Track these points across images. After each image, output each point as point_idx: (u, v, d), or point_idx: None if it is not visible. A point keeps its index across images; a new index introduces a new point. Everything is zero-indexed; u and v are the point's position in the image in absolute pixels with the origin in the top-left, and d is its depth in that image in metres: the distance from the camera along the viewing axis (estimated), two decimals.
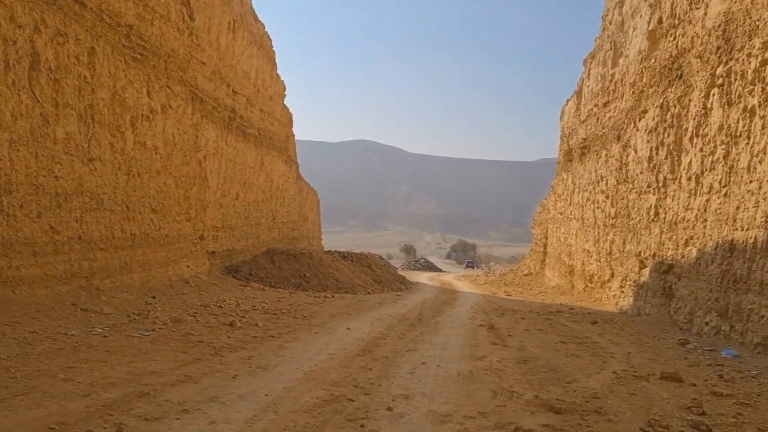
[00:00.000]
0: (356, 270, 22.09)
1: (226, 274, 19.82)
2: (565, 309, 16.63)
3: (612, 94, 17.41)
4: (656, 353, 9.41)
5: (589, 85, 20.34)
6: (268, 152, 24.84)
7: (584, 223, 20.83)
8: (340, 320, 12.08)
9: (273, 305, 13.77)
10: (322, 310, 13.76)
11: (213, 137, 17.99)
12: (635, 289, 14.84)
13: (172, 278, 15.30)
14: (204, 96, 16.90)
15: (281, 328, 10.42)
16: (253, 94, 21.79)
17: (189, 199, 16.59)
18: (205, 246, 18.37)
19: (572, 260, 23.20)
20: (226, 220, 20.28)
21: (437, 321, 12.99)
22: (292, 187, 30.44)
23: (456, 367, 7.63)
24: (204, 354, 7.48)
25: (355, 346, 8.98)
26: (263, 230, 25.28)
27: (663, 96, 13.45)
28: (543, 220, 34.03)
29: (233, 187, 20.70)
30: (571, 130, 23.70)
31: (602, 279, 18.40)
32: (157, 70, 14.16)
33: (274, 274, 19.80)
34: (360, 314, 13.43)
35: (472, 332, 11.44)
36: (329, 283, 19.37)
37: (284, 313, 12.43)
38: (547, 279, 29.56)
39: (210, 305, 12.24)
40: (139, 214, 13.63)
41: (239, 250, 22.01)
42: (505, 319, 13.78)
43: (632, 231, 15.20)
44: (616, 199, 16.61)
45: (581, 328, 12.42)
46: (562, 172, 26.59)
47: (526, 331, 11.78)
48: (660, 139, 13.46)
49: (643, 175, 14.40)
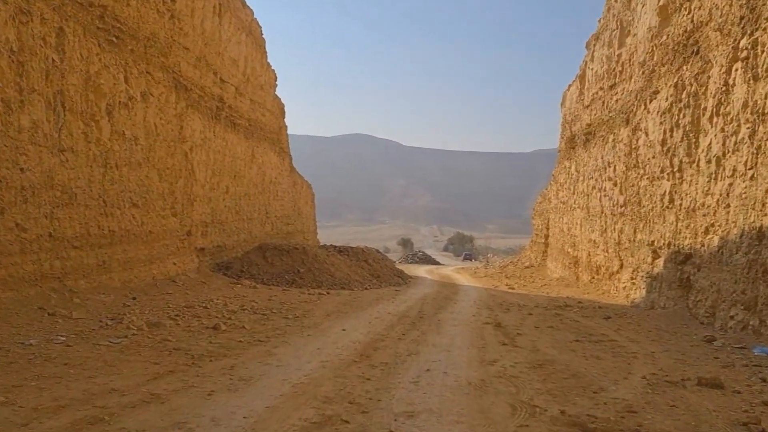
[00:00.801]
0: (353, 265, 21.21)
1: (216, 272, 18.91)
2: (573, 303, 15.79)
3: (619, 75, 16.51)
4: (682, 352, 8.56)
5: (593, 68, 19.42)
6: (259, 144, 23.88)
7: (590, 212, 19.97)
8: (335, 320, 11.21)
9: (263, 304, 12.89)
10: (316, 308, 12.88)
11: (200, 128, 17.04)
12: (648, 280, 13.99)
13: (156, 277, 14.39)
14: (189, 84, 15.94)
15: (270, 330, 9.54)
16: (243, 83, 20.81)
17: (174, 193, 15.66)
18: (193, 242, 17.46)
19: (577, 251, 22.36)
20: (215, 214, 19.35)
21: (439, 319, 12.14)
22: (286, 180, 29.49)
23: (465, 374, 6.77)
24: (179, 364, 6.59)
25: (351, 350, 8.10)
26: (256, 225, 24.35)
27: (677, 74, 12.57)
28: (544, 210, 33.17)
29: (223, 180, 19.76)
30: (574, 116, 22.80)
31: (610, 270, 17.56)
32: (136, 54, 13.20)
33: (267, 270, 18.90)
34: (357, 312, 12.56)
35: (478, 331, 10.59)
36: (324, 279, 18.49)
37: (275, 314, 11.54)
38: (549, 271, 28.73)
39: (195, 306, 11.35)
40: (118, 209, 12.70)
41: (230, 246, 21.09)
42: (512, 316, 12.93)
43: (644, 219, 14.34)
44: (626, 186, 15.74)
45: (595, 324, 11.58)
46: (564, 161, 25.71)
47: (536, 328, 10.93)
48: (675, 121, 12.58)
49: (656, 160, 13.54)
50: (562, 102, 26.60)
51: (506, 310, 14.11)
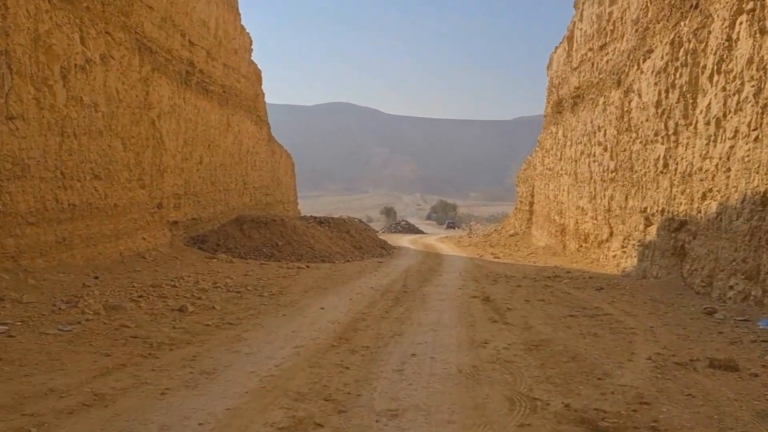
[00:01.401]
0: (334, 236, 20.48)
1: (191, 246, 18.10)
2: (562, 273, 15.27)
3: (610, 35, 15.73)
4: (683, 327, 8.02)
5: (582, 27, 18.60)
6: (234, 111, 22.83)
7: (578, 178, 19.37)
8: (314, 297, 10.53)
9: (238, 281, 12.16)
10: (294, 284, 12.19)
11: (168, 94, 16.01)
12: (640, 248, 13.47)
13: (124, 253, 13.57)
14: (154, 46, 14.87)
15: (243, 311, 8.83)
16: (215, 46, 19.68)
17: (142, 163, 14.73)
18: (165, 215, 16.59)
19: (563, 218, 21.83)
20: (189, 186, 18.44)
21: (424, 293, 11.51)
22: (264, 150, 28.48)
23: (455, 359, 6.13)
24: (134, 356, 5.87)
25: (330, 332, 7.44)
26: (233, 196, 23.46)
27: (674, 31, 11.83)
28: (528, 177, 32.60)
29: (196, 150, 18.80)
30: (561, 79, 22.02)
31: (599, 238, 17.04)
32: (93, 13, 12.14)
33: (244, 243, 18.11)
34: (337, 288, 11.89)
35: (466, 306, 9.99)
36: (304, 252, 17.76)
37: (249, 291, 10.83)
38: (534, 239, 28.28)
39: (162, 284, 10.58)
40: (78, 181, 11.80)
41: (206, 219, 20.24)
42: (500, 288, 12.36)
43: (636, 185, 13.75)
44: (617, 151, 15.11)
45: (587, 296, 11.04)
46: (550, 126, 25.02)
47: (527, 302, 10.35)
48: (670, 81, 11.89)
49: (650, 123, 12.88)
50: (548, 65, 25.77)
51: (493, 282, 13.54)
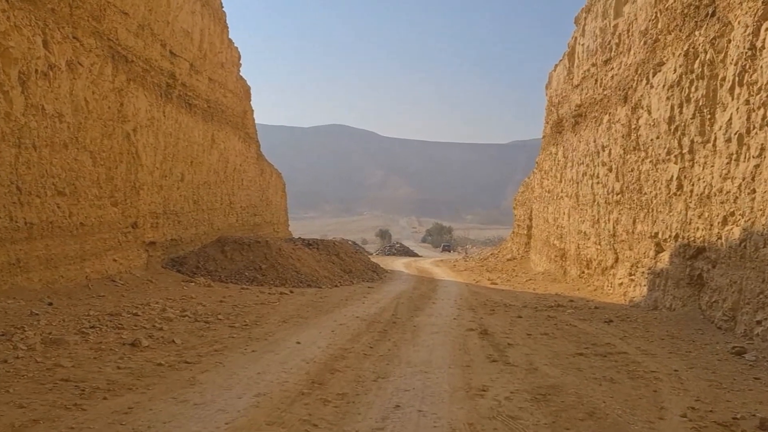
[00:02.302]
0: (322, 259, 19.40)
1: (169, 268, 17.00)
2: (564, 302, 14.21)
3: (615, 49, 14.88)
4: (712, 370, 6.96)
5: (584, 43, 17.78)
6: (220, 127, 21.87)
7: (579, 201, 18.39)
8: (292, 328, 9.42)
9: (211, 308, 11.06)
10: (272, 313, 11.09)
11: (145, 106, 15.03)
12: (650, 277, 12.43)
13: (90, 276, 12.48)
14: (130, 55, 13.93)
15: (207, 345, 7.73)
16: (199, 58, 18.78)
17: (114, 179, 13.70)
18: (141, 235, 15.51)
19: (564, 243, 20.81)
20: (168, 204, 17.39)
21: (415, 324, 10.43)
22: (252, 168, 27.49)
23: (447, 413, 5.06)
24: (56, 407, 4.77)
25: (302, 374, 6.35)
26: (218, 216, 22.40)
27: (688, 41, 10.94)
28: (526, 200, 31.65)
29: (177, 167, 17.78)
30: (562, 97, 21.17)
31: (603, 265, 16.01)
32: (58, 15, 11.20)
33: (225, 266, 17.02)
34: (319, 318, 10.79)
35: (461, 341, 8.91)
36: (289, 276, 16.66)
37: (220, 321, 9.72)
38: (533, 264, 27.22)
39: (122, 313, 9.47)
40: (37, 197, 10.75)
41: (188, 240, 19.15)
42: (499, 319, 11.28)
43: (645, 208, 12.76)
44: (623, 172, 14.15)
45: (595, 329, 9.96)
46: (549, 147, 24.12)
47: (529, 336, 9.28)
48: (685, 95, 10.97)
49: (661, 141, 11.93)
50: (547, 84, 24.97)
51: (491, 312, 12.47)
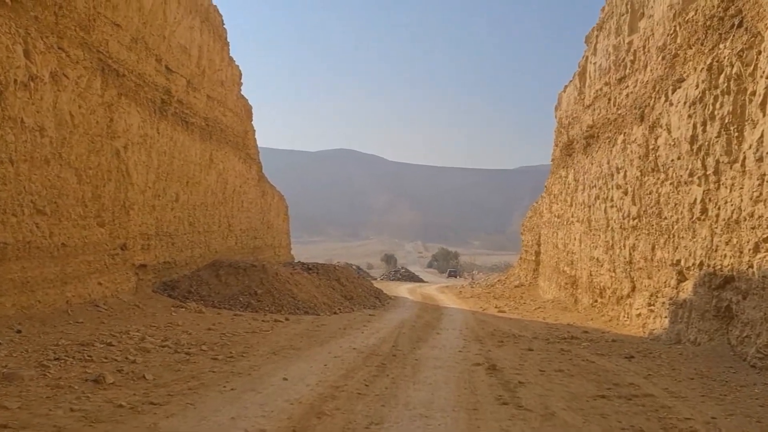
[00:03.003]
0: (321, 285, 18.57)
1: (160, 292, 16.19)
2: (578, 333, 13.30)
3: (630, 66, 14.17)
4: (756, 419, 6.08)
5: (596, 61, 17.10)
6: (219, 147, 21.23)
7: (591, 225, 17.54)
8: (281, 361, 8.57)
9: (197, 337, 10.23)
10: (263, 343, 10.24)
11: (138, 122, 14.39)
12: (672, 308, 11.53)
13: (72, 301, 11.68)
14: (122, 69, 13.31)
15: (182, 381, 6.89)
16: (197, 75, 18.21)
17: (101, 198, 12.98)
18: (130, 258, 14.73)
19: (575, 270, 19.91)
20: (161, 226, 16.65)
21: (417, 357, 9.56)
22: (253, 190, 26.80)
23: None
24: None
25: (282, 419, 5.50)
26: (215, 238, 21.64)
27: (711, 55, 10.20)
28: (535, 225, 30.79)
29: (171, 186, 17.08)
30: (572, 118, 20.46)
31: (618, 293, 15.10)
32: (42, 24, 10.58)
33: (219, 291, 16.20)
34: (313, 349, 9.93)
35: (467, 377, 8.04)
36: (285, 302, 15.82)
37: (204, 352, 8.88)
38: (541, 291, 26.27)
39: (95, 343, 8.65)
40: (13, 216, 10.00)
41: (182, 263, 18.37)
42: (508, 351, 10.39)
43: (666, 233, 11.91)
44: (640, 195, 13.32)
45: (615, 366, 9.06)
46: (559, 170, 23.34)
47: (542, 373, 8.40)
48: (708, 112, 10.19)
49: (682, 161, 11.13)
50: (556, 106, 24.29)
51: (500, 343, 11.58)
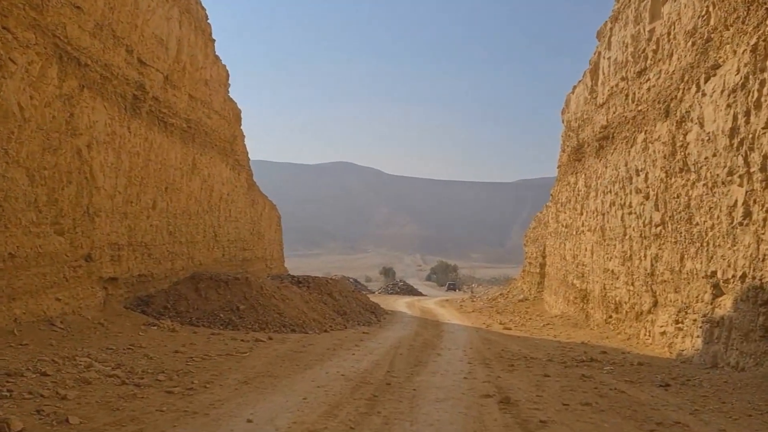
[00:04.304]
0: (312, 300, 17.09)
1: (133, 309, 14.68)
2: (596, 353, 11.83)
3: (652, 56, 12.80)
4: None
5: (611, 56, 15.74)
6: (204, 151, 19.81)
7: (605, 235, 16.10)
8: (250, 395, 7.08)
9: (158, 362, 8.74)
10: (235, 369, 8.74)
11: (105, 119, 12.98)
12: (706, 326, 10.05)
13: (21, 319, 10.19)
14: (83, 57, 11.92)
15: (115, 427, 5.41)
16: (176, 71, 16.83)
17: (59, 202, 11.53)
18: (97, 270, 13.25)
19: (586, 283, 18.44)
20: (135, 235, 15.17)
21: (415, 387, 8.08)
22: (242, 198, 25.35)
23: None
24: None
25: None
26: (200, 250, 20.15)
27: (756, 34, 8.82)
28: (539, 236, 29.35)
29: (147, 192, 15.63)
30: (583, 120, 19.07)
31: (637, 309, 13.63)
32: None
33: (199, 306, 14.71)
34: (293, 376, 8.44)
35: (476, 413, 6.58)
36: (270, 319, 14.32)
37: (158, 383, 7.39)
38: (547, 305, 24.77)
39: (27, 372, 7.15)
40: None
41: (161, 276, 16.87)
42: (521, 379, 8.91)
43: (698, 241, 10.47)
44: (665, 199, 11.89)
45: (651, 398, 7.58)
46: (566, 176, 21.92)
47: (566, 408, 6.93)
48: (753, 99, 8.80)
49: (719, 159, 9.71)
50: (563, 109, 22.93)
51: (510, 368, 10.10)
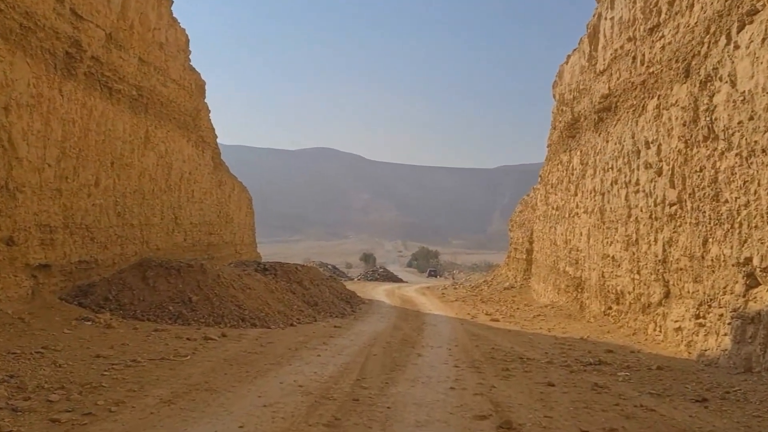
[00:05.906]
0: (278, 289, 15.28)
1: (70, 300, 12.77)
2: (601, 352, 10.22)
3: (667, 10, 11.08)
4: None
5: (614, 15, 14.02)
6: (159, 124, 17.80)
7: (605, 217, 14.47)
8: (164, 422, 5.28)
9: (66, 372, 6.90)
10: (164, 379, 6.93)
11: (27, 77, 10.99)
12: (737, 323, 8.44)
13: None
14: None
15: None
16: (122, 30, 14.79)
17: None
18: (21, 256, 11.31)
19: (580, 270, 16.86)
20: (73, 216, 13.22)
21: (390, 403, 6.35)
22: (207, 178, 23.34)
23: None
24: None
25: None
26: (157, 233, 18.20)
27: None
28: (526, 220, 27.78)
29: (87, 167, 13.64)
30: (579, 91, 17.36)
31: (644, 300, 12.04)
32: None
33: (145, 297, 12.82)
34: (237, 389, 6.65)
35: None
36: (227, 312, 12.50)
37: (48, 405, 5.57)
38: (535, 294, 23.23)
39: None
40: None
41: (108, 262, 14.93)
42: (520, 389, 7.22)
43: (726, 222, 8.83)
44: (685, 173, 10.24)
45: (689, 418, 5.94)
46: (558, 155, 20.26)
47: None
48: None
49: (758, 122, 8.05)
50: (555, 82, 21.20)
51: (505, 372, 8.42)
